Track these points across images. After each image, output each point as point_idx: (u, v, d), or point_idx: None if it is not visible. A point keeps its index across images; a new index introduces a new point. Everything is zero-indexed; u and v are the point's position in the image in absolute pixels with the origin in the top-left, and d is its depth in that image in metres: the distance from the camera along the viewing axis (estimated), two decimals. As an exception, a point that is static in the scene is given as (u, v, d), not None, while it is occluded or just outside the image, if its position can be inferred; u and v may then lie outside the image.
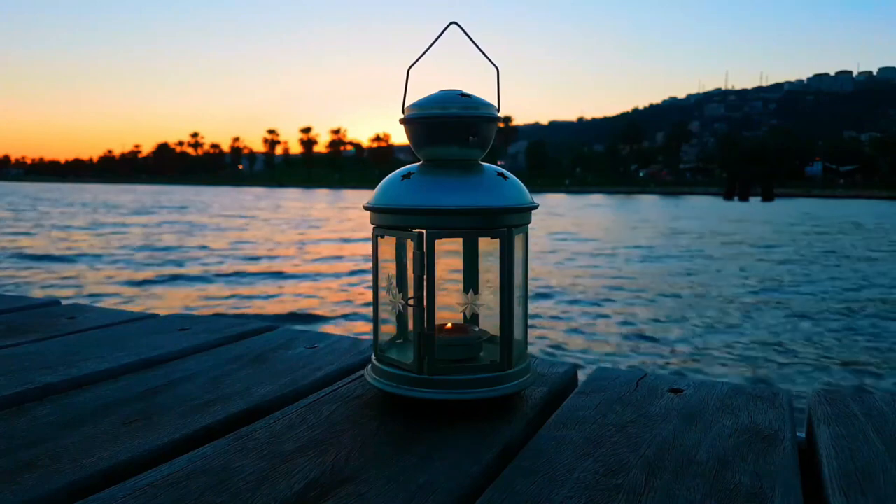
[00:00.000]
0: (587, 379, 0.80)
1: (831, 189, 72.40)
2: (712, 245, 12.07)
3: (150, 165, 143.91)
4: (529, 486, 0.52)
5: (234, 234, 14.64)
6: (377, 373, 0.70)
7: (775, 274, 9.13)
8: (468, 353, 0.72)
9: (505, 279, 0.67)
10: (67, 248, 11.22)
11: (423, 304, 0.66)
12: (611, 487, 0.52)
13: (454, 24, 0.70)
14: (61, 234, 14.37)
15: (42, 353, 0.88)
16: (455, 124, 0.69)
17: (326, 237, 14.59)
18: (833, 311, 6.53)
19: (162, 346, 0.92)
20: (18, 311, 1.16)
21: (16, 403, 0.70)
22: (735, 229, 17.33)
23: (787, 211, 29.33)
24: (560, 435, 0.63)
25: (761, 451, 0.59)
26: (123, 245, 11.95)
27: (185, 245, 12.13)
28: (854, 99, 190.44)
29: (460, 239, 0.76)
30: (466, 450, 0.59)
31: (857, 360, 4.77)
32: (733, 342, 5.18)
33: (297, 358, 0.88)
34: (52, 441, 0.60)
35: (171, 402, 0.71)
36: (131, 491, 0.51)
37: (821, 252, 12.04)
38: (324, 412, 0.68)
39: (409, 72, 0.71)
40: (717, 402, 0.72)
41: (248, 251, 11.37)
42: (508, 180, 0.69)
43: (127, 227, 16.43)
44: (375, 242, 0.71)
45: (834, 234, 15.61)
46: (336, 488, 0.51)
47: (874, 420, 0.67)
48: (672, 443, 0.61)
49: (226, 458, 0.57)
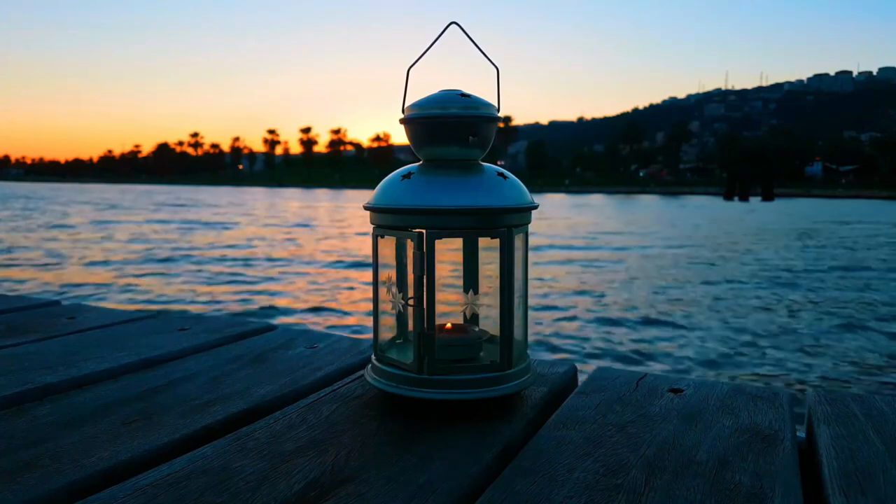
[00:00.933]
0: (587, 379, 0.80)
1: (831, 189, 72.42)
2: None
3: (150, 165, 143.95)
4: (529, 486, 0.52)
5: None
6: (377, 373, 0.70)
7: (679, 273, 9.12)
8: (468, 353, 0.72)
9: (505, 279, 0.67)
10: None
11: (423, 304, 0.66)
12: (611, 487, 0.52)
13: (454, 24, 0.70)
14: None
15: (42, 353, 0.88)
16: (455, 124, 0.69)
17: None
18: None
19: (162, 346, 0.92)
20: (18, 311, 1.16)
21: (16, 403, 0.70)
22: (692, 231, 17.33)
23: (766, 212, 29.42)
24: (560, 435, 0.63)
25: (761, 451, 0.59)
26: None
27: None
28: (854, 99, 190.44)
29: (460, 239, 0.76)
30: (466, 450, 0.59)
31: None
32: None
33: (297, 358, 0.88)
34: (52, 441, 0.60)
35: (171, 402, 0.71)
36: (131, 491, 0.51)
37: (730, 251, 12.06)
38: (324, 412, 0.68)
39: (409, 72, 0.71)
40: (717, 402, 0.72)
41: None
42: (508, 180, 0.69)
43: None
44: (375, 242, 0.71)
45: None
46: (336, 488, 0.51)
47: (874, 420, 0.67)
48: (672, 443, 0.61)
49: (226, 458, 0.57)
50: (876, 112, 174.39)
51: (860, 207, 36.02)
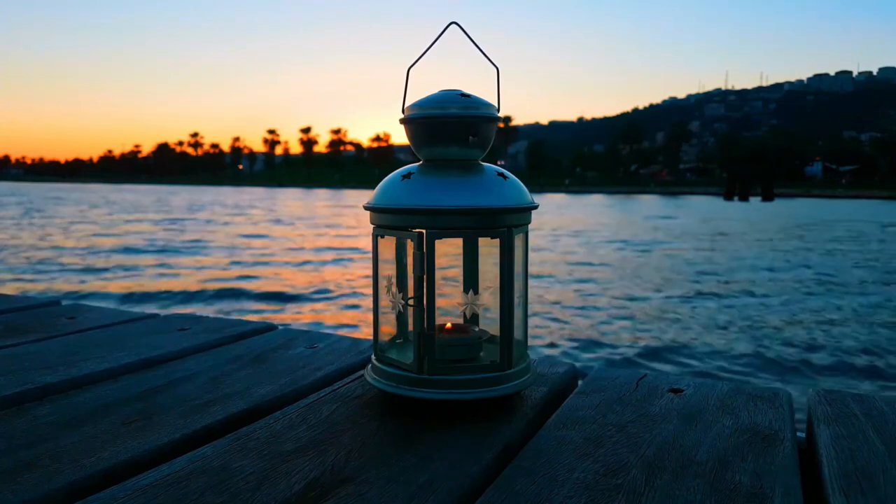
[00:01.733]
0: (587, 379, 0.80)
1: (831, 189, 72.41)
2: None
3: (151, 165, 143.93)
4: (529, 486, 0.52)
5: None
6: (377, 373, 0.70)
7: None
8: (468, 353, 0.72)
9: (505, 279, 0.67)
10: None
11: (423, 304, 0.66)
12: (611, 487, 0.52)
13: (454, 24, 0.70)
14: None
15: (42, 353, 0.88)
16: (455, 124, 0.69)
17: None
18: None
19: (162, 346, 0.92)
20: (18, 311, 1.16)
21: (16, 403, 0.70)
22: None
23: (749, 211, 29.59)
24: (560, 435, 0.63)
25: (761, 451, 0.59)
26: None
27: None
28: (854, 99, 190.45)
29: (460, 239, 0.76)
30: (466, 450, 0.59)
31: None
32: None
33: (297, 358, 0.88)
34: (52, 441, 0.60)
35: (171, 402, 0.71)
36: (131, 491, 0.51)
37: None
38: (324, 412, 0.68)
39: (409, 72, 0.71)
40: (717, 401, 0.72)
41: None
42: (508, 180, 0.69)
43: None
44: (375, 242, 0.71)
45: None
46: (336, 488, 0.51)
47: (874, 420, 0.67)
48: (672, 443, 0.61)
49: (226, 458, 0.57)
50: (876, 112, 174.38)
51: (860, 208, 36.13)
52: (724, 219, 22.98)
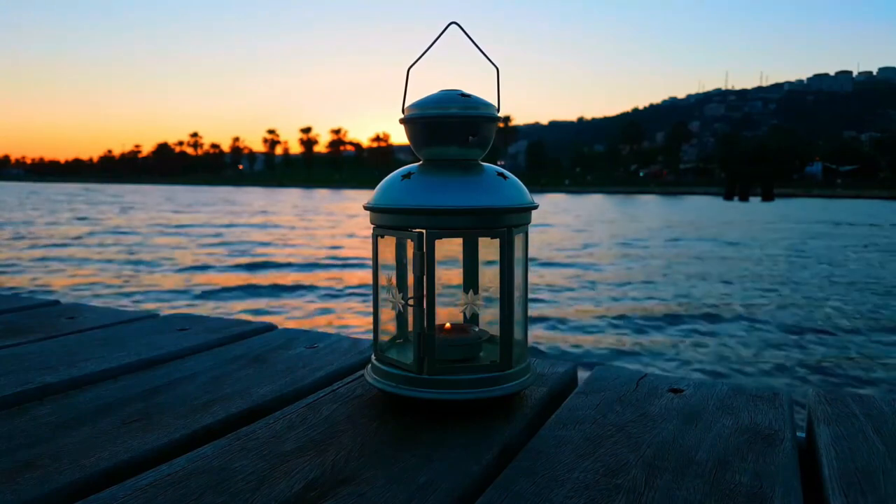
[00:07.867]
0: (587, 379, 0.80)
1: (831, 189, 72.39)
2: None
3: (151, 165, 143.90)
4: (529, 486, 0.52)
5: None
6: (377, 373, 0.70)
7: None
8: (468, 353, 0.72)
9: (505, 279, 0.67)
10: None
11: (423, 304, 0.66)
12: (611, 487, 0.52)
13: (454, 24, 0.70)
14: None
15: (42, 353, 0.88)
16: (455, 124, 0.69)
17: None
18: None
19: (162, 346, 0.92)
20: (18, 311, 1.16)
21: (16, 403, 0.70)
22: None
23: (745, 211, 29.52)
24: (560, 435, 0.63)
25: (761, 451, 0.59)
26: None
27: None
28: (854, 99, 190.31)
29: (460, 239, 0.76)
30: (466, 450, 0.59)
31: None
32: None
33: (297, 358, 0.88)
34: (52, 441, 0.60)
35: (172, 402, 0.71)
36: (131, 491, 0.51)
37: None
38: (324, 412, 0.68)
39: (409, 72, 0.71)
40: (717, 402, 0.72)
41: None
42: (508, 180, 0.69)
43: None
44: (375, 242, 0.71)
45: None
46: (336, 488, 0.51)
47: (874, 420, 0.67)
48: (672, 443, 0.61)
49: (226, 458, 0.57)
50: (876, 112, 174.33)
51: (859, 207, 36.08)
52: (725, 220, 22.92)
